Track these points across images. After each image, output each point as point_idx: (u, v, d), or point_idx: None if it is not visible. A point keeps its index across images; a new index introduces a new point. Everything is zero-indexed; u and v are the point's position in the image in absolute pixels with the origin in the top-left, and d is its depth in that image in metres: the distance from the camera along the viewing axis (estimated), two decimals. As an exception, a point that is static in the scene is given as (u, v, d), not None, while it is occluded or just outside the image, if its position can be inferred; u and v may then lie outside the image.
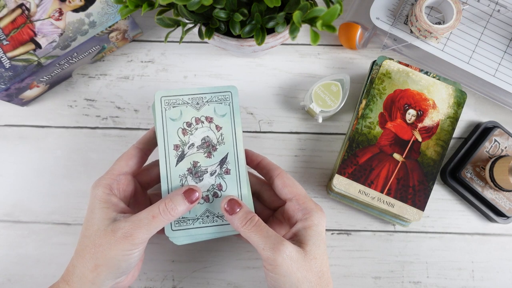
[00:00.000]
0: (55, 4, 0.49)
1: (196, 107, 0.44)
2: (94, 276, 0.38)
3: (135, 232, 0.37)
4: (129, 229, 0.37)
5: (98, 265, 0.37)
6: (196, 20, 0.43)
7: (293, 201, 0.42)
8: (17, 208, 0.52)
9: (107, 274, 0.38)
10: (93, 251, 0.38)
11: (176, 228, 0.42)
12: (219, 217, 0.43)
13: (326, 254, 0.40)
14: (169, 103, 0.44)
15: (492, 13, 0.52)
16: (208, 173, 0.43)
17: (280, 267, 0.37)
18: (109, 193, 0.40)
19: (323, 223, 0.41)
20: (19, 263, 0.51)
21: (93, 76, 0.55)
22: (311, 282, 0.38)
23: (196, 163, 0.43)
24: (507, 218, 0.51)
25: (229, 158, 0.43)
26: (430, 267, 0.51)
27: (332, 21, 0.34)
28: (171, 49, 0.56)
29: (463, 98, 0.50)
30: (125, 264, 0.38)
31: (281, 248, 0.37)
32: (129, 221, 0.38)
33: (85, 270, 0.38)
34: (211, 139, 0.44)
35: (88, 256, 0.38)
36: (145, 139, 0.45)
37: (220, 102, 0.44)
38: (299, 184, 0.44)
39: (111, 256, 0.37)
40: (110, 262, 0.37)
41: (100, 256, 0.37)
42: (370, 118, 0.50)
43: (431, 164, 0.49)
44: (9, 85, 0.48)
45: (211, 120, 0.44)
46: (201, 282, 0.51)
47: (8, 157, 0.53)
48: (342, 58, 0.56)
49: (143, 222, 0.38)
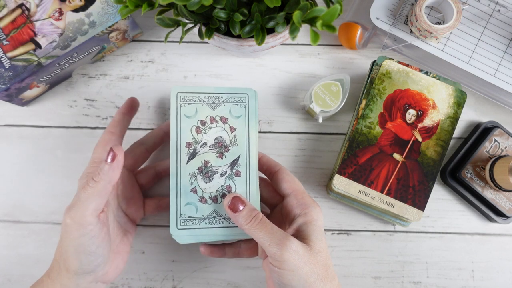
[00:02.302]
0: (55, 4, 0.49)
1: (212, 106, 0.44)
2: (67, 268, 0.38)
3: (72, 210, 0.37)
4: (69, 207, 0.38)
5: (65, 258, 0.38)
6: (196, 20, 0.43)
7: (292, 196, 0.42)
8: (17, 208, 0.52)
9: (75, 262, 0.38)
10: (58, 244, 0.39)
11: (181, 227, 0.42)
12: (226, 219, 0.43)
13: (327, 249, 0.40)
14: (185, 100, 0.44)
15: (492, 13, 0.52)
16: (219, 173, 0.43)
17: (287, 262, 0.37)
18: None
19: (321, 218, 0.41)
20: (19, 263, 0.51)
21: (93, 76, 0.55)
22: (318, 275, 0.38)
23: (207, 162, 0.43)
24: (507, 218, 0.51)
25: (240, 160, 0.43)
26: (430, 267, 0.51)
27: (332, 21, 0.34)
28: (171, 49, 0.56)
29: (463, 98, 0.50)
30: (81, 244, 0.37)
31: (287, 243, 0.37)
32: (72, 201, 0.38)
33: (60, 263, 0.39)
34: (224, 140, 0.44)
35: (57, 248, 0.40)
36: (115, 122, 0.45)
37: (236, 103, 0.44)
38: (298, 180, 0.44)
39: (67, 242, 0.38)
40: (68, 248, 0.38)
41: (61, 246, 0.38)
42: (370, 118, 0.50)
43: (431, 164, 0.49)
44: (9, 85, 0.48)
45: (225, 120, 0.44)
46: (201, 282, 0.51)
47: (8, 157, 0.53)
48: (342, 58, 0.56)
49: (78, 197, 0.38)
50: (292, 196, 0.42)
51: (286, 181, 0.43)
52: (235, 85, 0.55)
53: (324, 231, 0.52)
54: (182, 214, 0.42)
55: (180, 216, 0.42)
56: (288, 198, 0.42)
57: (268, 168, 0.45)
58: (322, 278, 0.38)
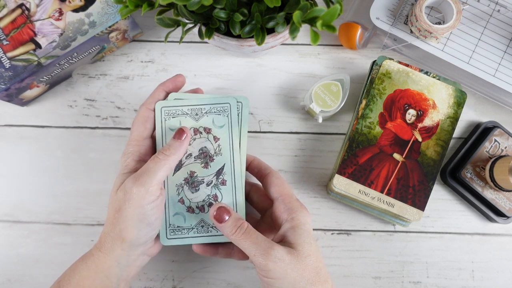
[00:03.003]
0: (55, 4, 0.49)
1: (195, 117, 0.45)
2: (123, 238, 0.39)
3: (142, 177, 0.39)
4: (136, 175, 0.39)
5: (123, 228, 0.39)
6: (196, 20, 0.43)
7: (279, 200, 0.42)
8: (17, 208, 0.52)
9: (134, 232, 0.39)
10: (114, 216, 0.39)
11: (171, 237, 0.43)
12: (213, 228, 0.44)
13: (319, 251, 0.40)
14: (169, 113, 0.45)
15: (492, 13, 0.52)
16: (205, 183, 0.44)
17: (273, 271, 0.37)
18: (138, 160, 0.42)
19: (309, 221, 0.41)
20: (19, 263, 0.51)
21: (93, 76, 0.55)
22: (308, 280, 0.38)
23: (193, 173, 0.44)
24: (507, 218, 0.51)
25: (225, 169, 0.44)
26: (430, 267, 0.51)
27: (332, 21, 0.34)
28: (171, 49, 0.56)
29: (463, 98, 0.50)
30: (144, 213, 0.39)
31: (271, 252, 0.37)
32: (137, 171, 0.40)
33: (114, 235, 0.39)
34: (208, 150, 0.44)
35: (110, 221, 0.40)
36: (155, 98, 0.45)
37: (219, 113, 0.45)
38: (288, 184, 0.44)
39: (129, 211, 0.38)
40: (130, 216, 0.38)
41: (120, 216, 0.39)
42: (370, 118, 0.50)
43: (431, 164, 0.49)
44: (9, 85, 0.48)
45: (209, 131, 0.45)
46: (201, 282, 0.51)
47: (8, 157, 0.53)
48: (342, 58, 0.56)
49: (147, 167, 0.39)
50: (280, 201, 0.42)
51: (274, 185, 0.43)
52: (235, 85, 0.55)
53: (324, 231, 0.52)
54: (171, 224, 0.44)
55: (169, 226, 0.44)
56: (276, 202, 0.42)
57: (258, 172, 0.45)
58: (313, 282, 0.38)
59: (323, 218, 0.52)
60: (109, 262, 0.39)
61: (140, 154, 0.42)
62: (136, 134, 0.43)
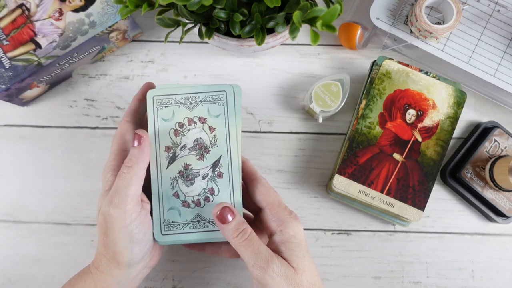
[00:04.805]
0: (55, 4, 0.49)
1: (189, 107, 0.42)
2: (118, 261, 0.38)
3: (115, 198, 0.37)
4: (110, 196, 0.38)
5: (115, 251, 0.38)
6: (196, 20, 0.43)
7: (266, 210, 0.40)
8: (17, 208, 0.52)
9: (126, 253, 0.38)
10: (103, 239, 0.39)
11: (166, 233, 0.41)
12: (210, 223, 0.41)
13: (313, 263, 0.39)
14: (161, 103, 0.42)
15: (492, 13, 0.52)
16: (200, 176, 0.42)
17: (270, 286, 0.36)
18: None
19: (300, 232, 0.40)
20: (19, 263, 0.51)
21: (93, 76, 0.55)
22: None
23: (188, 165, 0.42)
24: (507, 218, 0.51)
25: (222, 161, 0.42)
26: (430, 267, 0.51)
27: (332, 21, 0.34)
28: (171, 49, 0.56)
29: (463, 98, 0.50)
30: (130, 233, 0.38)
31: (270, 266, 0.36)
32: (109, 193, 0.38)
33: (108, 257, 0.39)
34: (203, 141, 0.42)
35: (101, 243, 0.39)
36: (131, 110, 0.43)
37: (214, 102, 0.42)
38: (274, 191, 0.42)
39: (115, 235, 0.37)
40: (118, 240, 0.38)
41: (109, 240, 0.38)
42: (370, 118, 0.50)
43: (431, 164, 0.49)
44: (9, 85, 0.48)
45: (204, 120, 0.42)
46: (201, 282, 0.51)
47: (8, 157, 0.53)
48: (342, 58, 0.56)
49: (116, 186, 0.38)
50: (267, 210, 0.40)
51: (260, 193, 0.41)
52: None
53: (324, 231, 0.52)
54: (165, 220, 0.41)
55: (163, 222, 0.41)
56: (263, 212, 0.41)
57: (245, 176, 0.43)
58: None
59: (323, 218, 0.52)
60: (109, 281, 0.39)
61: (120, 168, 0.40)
62: (116, 148, 0.41)
